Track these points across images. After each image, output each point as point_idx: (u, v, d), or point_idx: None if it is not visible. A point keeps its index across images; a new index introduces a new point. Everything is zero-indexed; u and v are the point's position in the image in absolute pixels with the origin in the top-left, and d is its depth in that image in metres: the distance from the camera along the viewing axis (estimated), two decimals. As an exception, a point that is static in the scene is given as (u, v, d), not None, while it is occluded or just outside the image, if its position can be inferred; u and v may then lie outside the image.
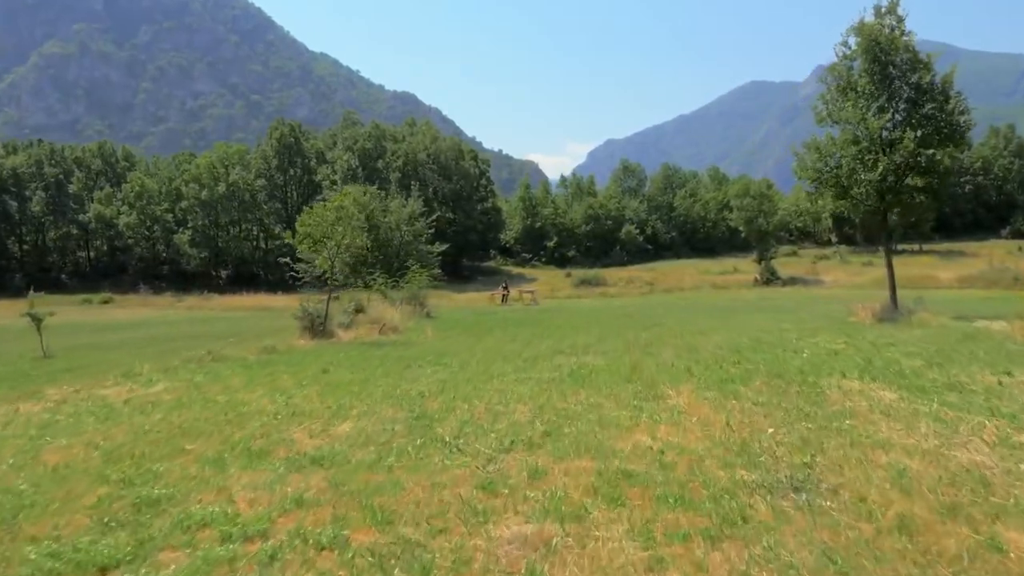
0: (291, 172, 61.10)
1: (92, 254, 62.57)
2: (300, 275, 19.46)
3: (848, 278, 52.62)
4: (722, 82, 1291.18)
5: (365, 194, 22.87)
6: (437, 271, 37.36)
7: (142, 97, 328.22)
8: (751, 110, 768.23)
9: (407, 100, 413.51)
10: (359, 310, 21.53)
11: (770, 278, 50.69)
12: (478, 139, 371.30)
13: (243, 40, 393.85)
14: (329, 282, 18.78)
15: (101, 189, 61.26)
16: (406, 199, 38.19)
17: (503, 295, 40.31)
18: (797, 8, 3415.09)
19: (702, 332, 15.71)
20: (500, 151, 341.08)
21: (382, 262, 34.60)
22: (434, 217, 37.56)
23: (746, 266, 61.98)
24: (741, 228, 54.20)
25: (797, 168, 20.39)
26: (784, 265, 55.93)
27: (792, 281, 51.17)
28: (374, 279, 27.68)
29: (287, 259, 33.28)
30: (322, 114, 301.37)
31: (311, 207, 19.10)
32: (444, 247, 37.73)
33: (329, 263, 18.41)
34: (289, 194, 64.66)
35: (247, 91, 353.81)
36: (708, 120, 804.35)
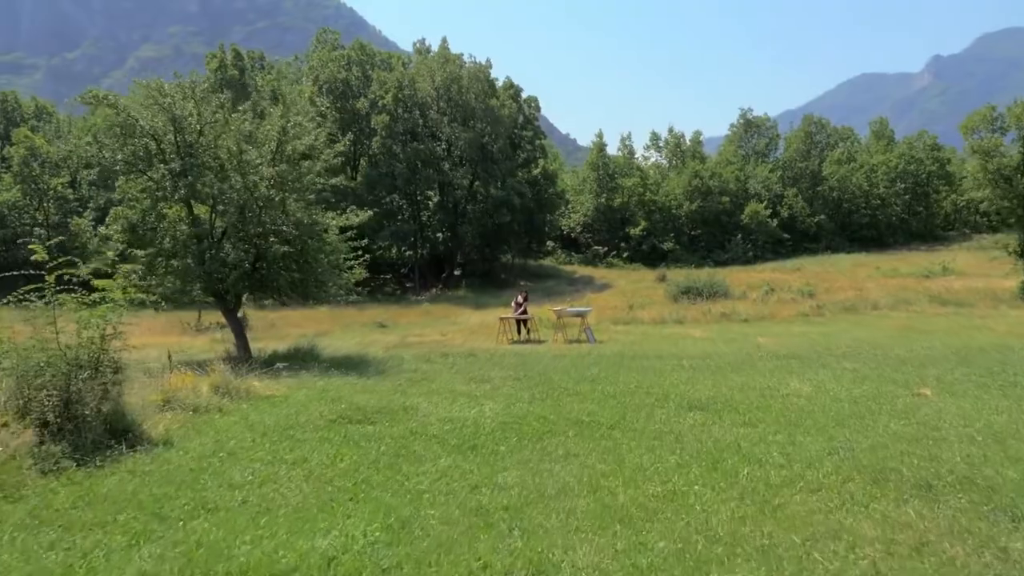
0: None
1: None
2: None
3: None
4: (832, 75, 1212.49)
5: None
6: (352, 276, 15.03)
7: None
8: (863, 103, 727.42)
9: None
10: None
11: (1055, 286, 26.13)
12: (572, 135, 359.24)
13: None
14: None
15: (-12, 154, 43.17)
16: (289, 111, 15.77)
17: (520, 320, 19.15)
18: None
19: None
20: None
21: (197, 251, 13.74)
22: (338, 152, 16.03)
23: (962, 263, 38.13)
24: (983, 195, 29.31)
25: None
26: (1000, 264, 31.12)
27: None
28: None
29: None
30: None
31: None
32: (364, 216, 15.49)
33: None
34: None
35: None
36: (817, 115, 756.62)
